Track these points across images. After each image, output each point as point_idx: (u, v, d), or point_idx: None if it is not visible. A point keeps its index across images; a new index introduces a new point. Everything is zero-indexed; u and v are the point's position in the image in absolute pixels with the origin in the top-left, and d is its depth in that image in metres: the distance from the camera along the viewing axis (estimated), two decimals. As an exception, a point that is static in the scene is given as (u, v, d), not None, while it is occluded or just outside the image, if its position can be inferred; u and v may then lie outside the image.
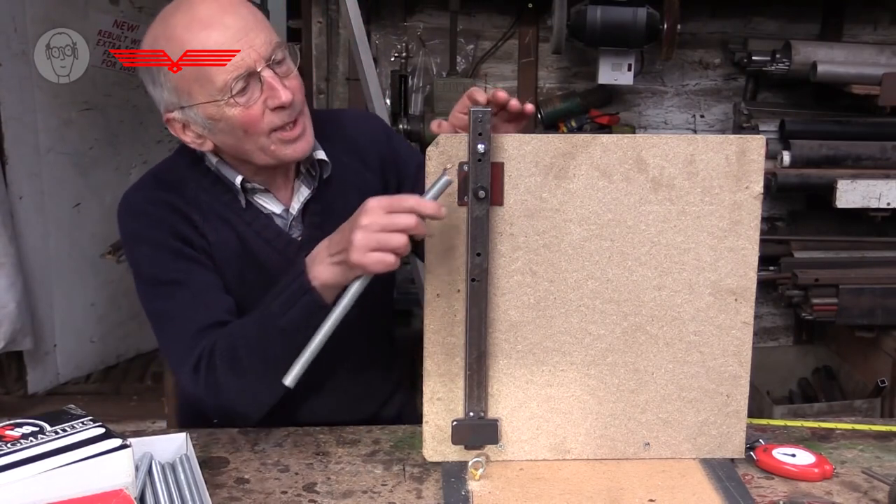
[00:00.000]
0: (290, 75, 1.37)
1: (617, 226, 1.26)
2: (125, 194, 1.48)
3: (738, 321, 1.29)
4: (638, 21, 2.58)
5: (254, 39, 1.32)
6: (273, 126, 1.36)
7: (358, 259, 1.20)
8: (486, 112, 1.20)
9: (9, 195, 3.27)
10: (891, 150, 2.71)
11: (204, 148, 1.42)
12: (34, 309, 3.38)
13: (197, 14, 1.32)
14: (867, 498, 1.23)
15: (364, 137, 1.58)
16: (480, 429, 1.30)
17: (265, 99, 1.34)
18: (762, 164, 1.25)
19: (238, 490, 1.27)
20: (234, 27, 1.32)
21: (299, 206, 1.49)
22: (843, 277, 2.68)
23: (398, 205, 1.20)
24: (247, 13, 1.35)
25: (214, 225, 1.45)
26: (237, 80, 1.32)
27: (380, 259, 1.20)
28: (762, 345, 3.14)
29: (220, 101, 1.33)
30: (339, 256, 1.25)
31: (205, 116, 1.36)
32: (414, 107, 2.91)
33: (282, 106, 1.34)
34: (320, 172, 1.50)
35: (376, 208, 1.20)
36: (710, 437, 1.32)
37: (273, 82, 1.33)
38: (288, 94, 1.34)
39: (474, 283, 1.25)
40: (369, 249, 1.19)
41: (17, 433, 1.15)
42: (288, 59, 1.38)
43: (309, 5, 2.91)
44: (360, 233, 1.20)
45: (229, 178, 1.44)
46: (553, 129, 2.95)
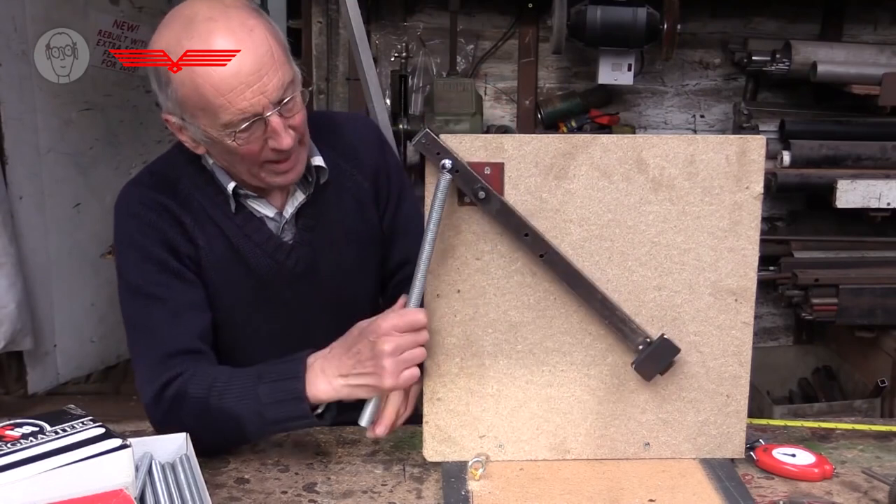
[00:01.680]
0: (296, 114, 1.35)
1: (617, 226, 1.26)
2: (123, 188, 1.48)
3: (738, 321, 1.29)
4: (638, 21, 2.58)
5: (266, 84, 1.28)
6: (268, 159, 1.35)
7: (393, 384, 1.24)
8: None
9: (9, 195, 3.27)
10: (891, 150, 2.72)
11: (198, 151, 1.41)
12: (34, 309, 3.38)
13: (208, 38, 1.26)
14: (867, 498, 1.23)
15: (362, 144, 1.58)
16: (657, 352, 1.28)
17: (267, 139, 1.33)
18: (762, 165, 1.25)
19: (238, 490, 1.27)
20: (248, 66, 1.27)
21: (293, 211, 1.48)
22: (843, 277, 2.68)
23: (411, 324, 1.24)
24: (262, 48, 1.28)
25: (205, 228, 1.45)
26: (242, 121, 1.29)
27: (411, 376, 1.25)
28: (762, 345, 3.14)
29: (224, 134, 1.31)
30: (361, 380, 1.26)
31: (204, 135, 1.34)
32: (414, 107, 2.91)
33: (283, 151, 1.33)
34: (317, 178, 1.49)
35: (391, 331, 1.24)
36: (710, 437, 1.32)
37: (278, 128, 1.31)
38: (289, 140, 1.32)
39: (543, 257, 1.25)
40: (400, 372, 1.23)
41: (17, 433, 1.15)
42: (297, 98, 1.34)
43: (309, 5, 2.91)
44: (390, 360, 1.23)
45: (222, 183, 1.44)
46: (553, 129, 2.95)
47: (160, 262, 1.42)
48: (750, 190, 1.26)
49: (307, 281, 1.51)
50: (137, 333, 1.42)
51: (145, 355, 1.40)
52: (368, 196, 1.57)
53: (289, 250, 1.49)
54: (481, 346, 1.30)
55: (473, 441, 1.32)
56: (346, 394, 1.27)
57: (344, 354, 1.27)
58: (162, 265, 1.42)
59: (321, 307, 1.54)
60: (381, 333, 1.23)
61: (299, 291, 1.51)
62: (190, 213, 1.44)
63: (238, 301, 1.48)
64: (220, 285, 1.46)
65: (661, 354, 1.27)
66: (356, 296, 1.58)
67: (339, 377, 1.27)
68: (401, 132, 2.75)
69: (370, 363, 1.24)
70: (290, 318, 1.52)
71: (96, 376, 3.68)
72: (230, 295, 1.47)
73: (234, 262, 1.46)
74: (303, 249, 1.50)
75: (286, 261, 1.49)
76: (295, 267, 1.49)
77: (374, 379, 1.24)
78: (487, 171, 1.23)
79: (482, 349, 1.30)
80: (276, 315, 1.51)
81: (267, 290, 1.49)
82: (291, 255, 1.49)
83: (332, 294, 1.54)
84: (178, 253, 1.43)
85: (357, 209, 1.55)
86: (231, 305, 1.48)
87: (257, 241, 1.47)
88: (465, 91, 2.76)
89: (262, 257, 1.47)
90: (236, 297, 1.48)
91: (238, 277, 1.47)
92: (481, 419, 1.31)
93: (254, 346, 1.51)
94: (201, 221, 1.45)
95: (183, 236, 1.43)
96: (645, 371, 1.28)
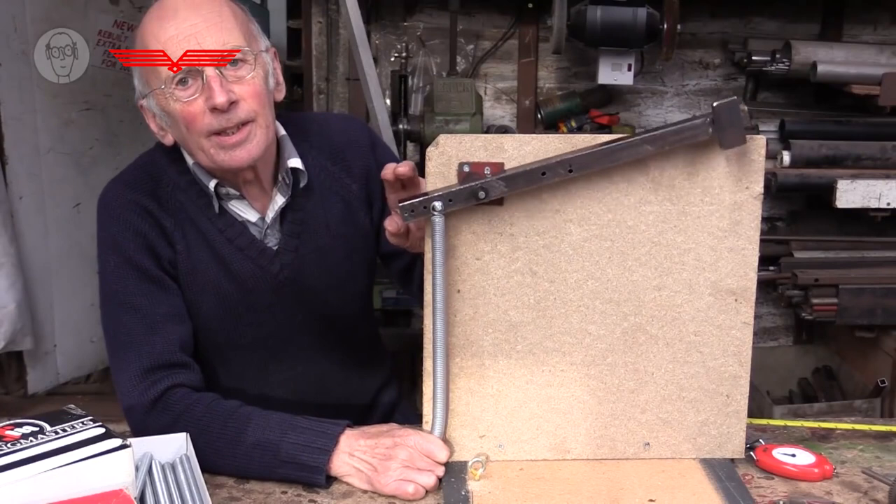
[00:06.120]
0: (244, 80, 1.34)
1: (617, 226, 1.26)
2: (108, 185, 1.47)
3: (738, 321, 1.29)
4: (638, 21, 2.58)
5: (205, 37, 1.31)
6: (211, 128, 1.33)
7: (384, 485, 1.24)
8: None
9: (9, 195, 3.27)
10: (891, 150, 2.71)
11: (166, 141, 1.42)
12: (34, 309, 3.38)
13: (164, 3, 1.34)
14: (867, 498, 1.23)
15: (350, 146, 1.55)
16: (723, 118, 1.20)
17: (206, 98, 1.32)
18: (762, 165, 1.25)
19: (238, 490, 1.27)
20: (189, 22, 1.31)
21: (273, 215, 1.46)
22: (843, 277, 2.67)
23: (430, 452, 1.27)
24: (210, 12, 1.33)
25: (186, 231, 1.44)
26: (178, 73, 1.32)
27: (404, 491, 1.23)
28: (762, 345, 3.14)
29: (166, 92, 1.33)
30: (363, 465, 1.26)
31: (158, 106, 1.37)
32: (414, 107, 2.91)
33: (217, 108, 1.32)
34: (296, 181, 1.47)
35: (414, 446, 1.27)
36: (710, 437, 1.32)
37: (212, 83, 1.31)
38: (224, 96, 1.31)
39: (572, 171, 1.21)
40: (399, 479, 1.24)
41: (17, 433, 1.15)
42: (250, 66, 1.35)
43: (309, 5, 2.91)
44: (396, 464, 1.24)
45: (204, 182, 1.43)
46: (553, 129, 2.95)
47: (141, 270, 1.41)
48: (750, 190, 1.26)
49: (292, 288, 1.49)
50: (116, 344, 1.41)
51: (124, 367, 1.38)
52: (358, 199, 1.54)
53: (272, 256, 1.47)
54: (481, 346, 1.30)
55: (473, 441, 1.32)
56: (343, 471, 1.27)
57: (365, 436, 1.29)
58: (142, 273, 1.41)
59: (306, 315, 1.52)
60: (404, 443, 1.26)
61: (284, 298, 1.49)
62: (171, 215, 1.43)
63: (219, 306, 1.46)
64: (200, 290, 1.45)
65: (729, 116, 1.20)
66: (343, 304, 1.56)
67: (346, 453, 1.27)
68: (401, 132, 2.75)
69: (380, 455, 1.25)
70: (275, 326, 1.51)
71: (96, 376, 3.68)
72: (211, 300, 1.46)
73: (216, 266, 1.45)
74: (288, 255, 1.48)
75: (270, 266, 1.47)
76: (279, 273, 1.47)
77: (371, 471, 1.25)
78: (487, 171, 1.23)
79: (482, 349, 1.30)
80: (259, 322, 1.50)
81: (250, 296, 1.47)
82: (275, 261, 1.47)
83: (319, 302, 1.52)
84: (160, 258, 1.42)
85: (346, 213, 1.53)
86: (212, 310, 1.46)
87: (240, 245, 1.45)
88: (465, 91, 2.76)
89: (245, 262, 1.46)
90: (218, 303, 1.46)
91: (219, 282, 1.45)
92: (481, 419, 1.31)
93: (236, 352, 1.51)
94: (182, 224, 1.43)
95: (164, 240, 1.42)
96: (733, 139, 1.20)
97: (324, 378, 1.58)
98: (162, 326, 1.40)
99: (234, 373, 1.52)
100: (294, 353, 1.54)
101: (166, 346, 1.38)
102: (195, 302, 1.45)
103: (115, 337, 1.41)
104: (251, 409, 1.33)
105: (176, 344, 1.40)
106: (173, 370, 1.37)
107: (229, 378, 1.52)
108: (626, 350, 1.30)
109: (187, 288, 1.45)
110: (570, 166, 1.21)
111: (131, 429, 1.37)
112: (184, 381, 1.37)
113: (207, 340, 1.48)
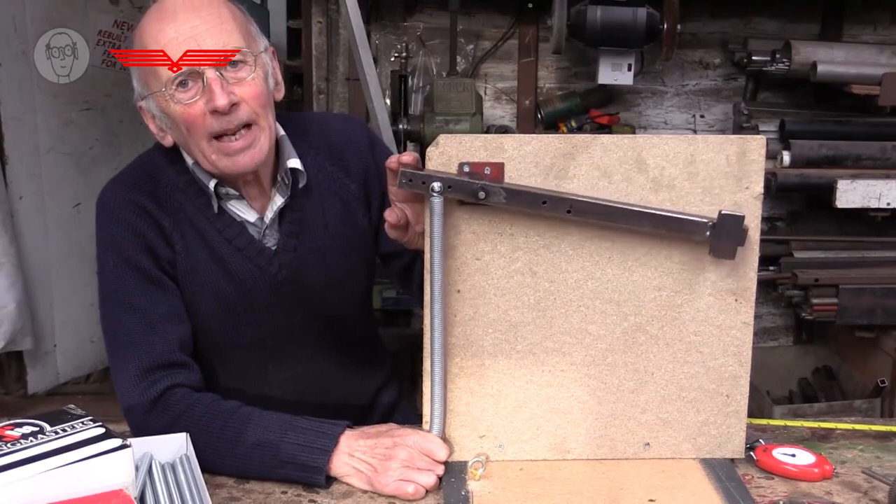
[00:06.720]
0: (244, 82, 1.34)
1: (617, 226, 1.26)
2: (106, 186, 1.47)
3: (738, 321, 1.29)
4: (638, 21, 2.58)
5: (205, 38, 1.31)
6: (212, 131, 1.34)
7: (384, 485, 1.24)
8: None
9: (9, 195, 3.27)
10: (891, 150, 2.71)
11: (165, 142, 1.42)
12: (34, 309, 3.38)
13: (163, 5, 1.34)
14: (867, 498, 1.23)
15: (349, 146, 1.55)
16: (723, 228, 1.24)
17: (207, 100, 1.32)
18: (762, 165, 1.25)
19: (238, 490, 1.27)
20: (188, 24, 1.31)
21: (272, 215, 1.47)
22: (843, 277, 2.67)
23: (429, 452, 1.27)
24: (210, 14, 1.33)
25: (184, 231, 1.44)
26: (178, 75, 1.32)
27: (404, 491, 1.23)
28: (762, 345, 3.14)
29: (166, 94, 1.33)
30: (362, 465, 1.26)
31: (158, 108, 1.37)
32: (414, 107, 2.91)
33: (218, 111, 1.32)
34: (295, 181, 1.47)
35: (413, 445, 1.26)
36: (710, 437, 1.32)
37: (213, 85, 1.31)
38: (225, 98, 1.31)
39: (571, 212, 1.24)
40: (399, 479, 1.24)
41: (17, 433, 1.15)
42: (250, 68, 1.35)
43: (309, 5, 2.91)
44: (396, 464, 1.24)
45: (203, 182, 1.43)
46: (553, 129, 2.95)
47: (140, 270, 1.41)
48: (750, 190, 1.26)
49: (291, 288, 1.49)
50: (116, 344, 1.41)
51: (123, 367, 1.38)
52: (357, 199, 1.54)
53: (271, 256, 1.47)
54: (481, 346, 1.30)
55: (473, 441, 1.32)
56: (343, 471, 1.27)
57: (365, 436, 1.29)
58: (141, 273, 1.41)
59: (305, 315, 1.52)
60: (404, 443, 1.26)
61: (282, 298, 1.49)
62: (169, 215, 1.43)
63: (218, 306, 1.46)
64: (199, 289, 1.45)
65: (728, 229, 1.24)
66: (342, 304, 1.56)
67: (346, 453, 1.27)
68: (401, 132, 2.75)
69: (380, 455, 1.25)
70: (274, 326, 1.51)
71: (96, 376, 3.68)
72: (210, 300, 1.46)
73: (215, 266, 1.45)
74: (286, 255, 1.48)
75: (268, 267, 1.47)
76: (278, 273, 1.48)
77: (371, 471, 1.25)
78: (487, 171, 1.23)
79: (482, 349, 1.30)
80: (258, 322, 1.50)
81: (248, 296, 1.47)
82: (274, 261, 1.47)
83: (318, 302, 1.52)
84: (159, 258, 1.42)
85: (344, 213, 1.53)
86: (211, 310, 1.46)
87: (238, 245, 1.45)
88: (465, 91, 2.76)
89: (244, 262, 1.46)
90: (217, 303, 1.46)
91: (218, 282, 1.45)
92: (481, 419, 1.31)
93: (235, 352, 1.51)
94: (181, 224, 1.43)
95: (162, 240, 1.42)
96: (725, 251, 1.25)
97: (323, 378, 1.58)
98: (161, 326, 1.40)
99: (233, 373, 1.52)
100: (293, 353, 1.54)
101: (166, 345, 1.38)
102: (194, 302, 1.45)
103: (115, 337, 1.41)
104: (251, 410, 1.33)
105: (175, 344, 1.40)
106: (173, 370, 1.37)
107: (229, 378, 1.52)
108: (626, 350, 1.30)
109: (186, 288, 1.45)
110: (569, 207, 1.23)
111: (131, 429, 1.37)
112: (183, 380, 1.37)
113: (206, 340, 1.48)
